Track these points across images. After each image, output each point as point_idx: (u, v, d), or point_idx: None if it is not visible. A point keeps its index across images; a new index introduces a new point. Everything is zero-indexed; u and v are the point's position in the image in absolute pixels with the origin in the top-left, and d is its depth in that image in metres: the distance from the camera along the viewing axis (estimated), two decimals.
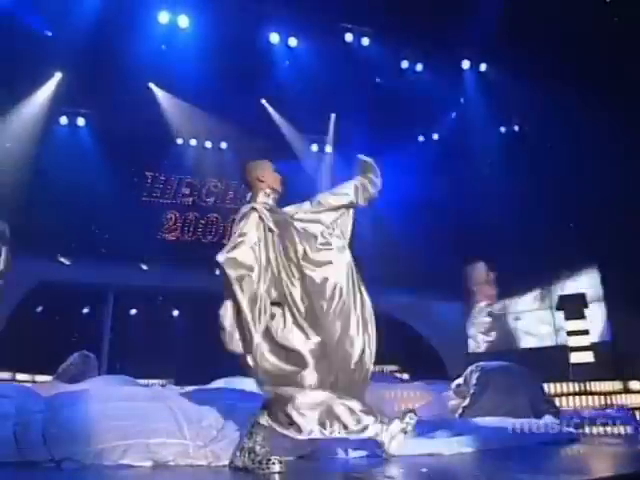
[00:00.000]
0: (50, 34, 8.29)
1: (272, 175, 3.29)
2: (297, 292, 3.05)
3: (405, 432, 3.15)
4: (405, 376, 8.48)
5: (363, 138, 10.85)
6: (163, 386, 7.14)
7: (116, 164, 10.21)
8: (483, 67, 10.14)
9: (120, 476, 2.87)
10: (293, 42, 9.39)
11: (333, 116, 11.26)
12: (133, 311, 9.87)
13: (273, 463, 2.79)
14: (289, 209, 3.37)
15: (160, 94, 10.04)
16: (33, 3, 7.91)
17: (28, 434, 3.09)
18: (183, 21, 8.70)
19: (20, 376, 7.07)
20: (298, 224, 3.25)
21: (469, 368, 5.26)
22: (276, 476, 2.76)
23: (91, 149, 10.06)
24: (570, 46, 8.21)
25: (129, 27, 8.46)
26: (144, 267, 9.77)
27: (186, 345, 9.63)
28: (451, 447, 3.35)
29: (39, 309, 8.79)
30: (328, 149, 11.58)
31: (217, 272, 3.05)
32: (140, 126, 10.28)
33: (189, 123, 10.65)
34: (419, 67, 10.02)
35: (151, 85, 10.05)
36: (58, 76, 9.33)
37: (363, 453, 3.28)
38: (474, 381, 5.08)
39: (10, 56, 7.96)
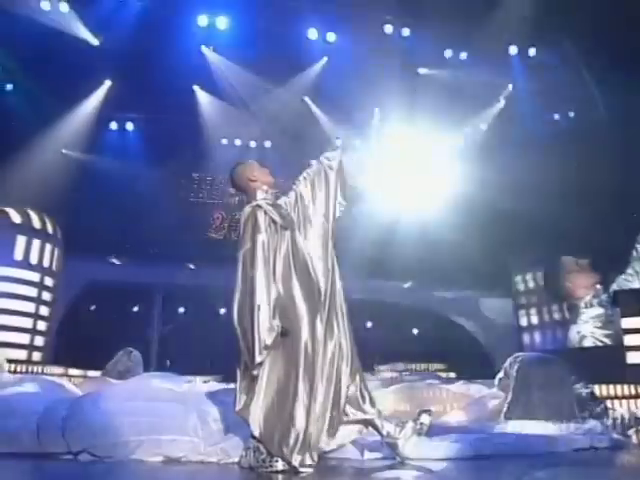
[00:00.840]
0: (97, 44, 8.60)
1: (260, 171, 3.23)
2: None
3: (419, 434, 3.02)
4: (452, 375, 8.19)
5: (408, 131, 10.66)
6: (206, 382, 7.27)
7: (164, 166, 10.53)
8: (532, 52, 9.66)
9: (131, 469, 2.92)
10: (331, 37, 9.31)
11: (377, 110, 11.08)
12: (181, 309, 10.12)
13: (276, 461, 2.74)
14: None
15: (204, 96, 10.23)
16: (79, 16, 8.22)
17: (49, 428, 3.20)
18: (222, 22, 8.80)
19: (72, 371, 7.36)
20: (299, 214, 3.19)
21: (508, 360, 4.97)
22: (279, 475, 2.70)
23: (140, 152, 10.40)
24: (630, 25, 7.68)
25: (170, 32, 8.69)
26: (191, 266, 9.99)
27: (233, 343, 9.76)
28: (467, 451, 3.16)
29: (92, 307, 9.16)
30: (372, 144, 11.39)
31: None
32: (186, 128, 10.56)
33: (232, 123, 10.79)
34: (463, 55, 9.69)
35: (195, 88, 10.25)
36: (108, 83, 9.70)
37: (379, 455, 3.17)
38: (514, 373, 4.80)
39: (61, 66, 8.37)
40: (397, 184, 11.48)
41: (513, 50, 9.67)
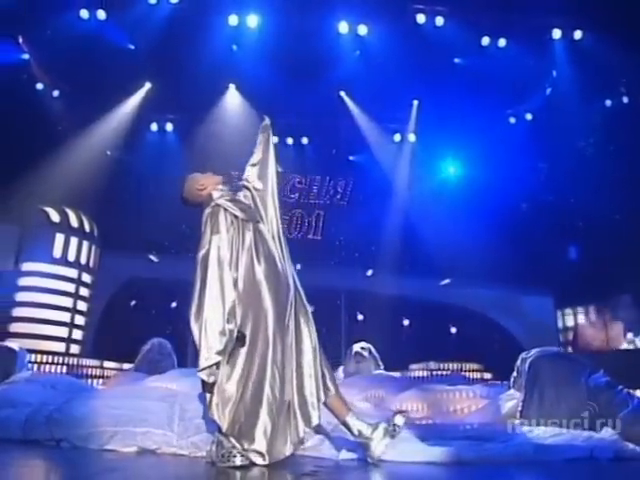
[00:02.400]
0: (133, 47, 8.90)
1: (204, 177, 3.21)
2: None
3: (392, 436, 2.90)
4: (487, 376, 7.87)
5: (447, 124, 10.35)
6: None
7: (203, 166, 10.72)
8: (578, 35, 9.10)
9: (104, 458, 2.98)
10: (363, 30, 9.16)
11: (415, 103, 10.82)
12: None
13: (234, 456, 2.72)
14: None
15: (239, 94, 10.35)
16: (114, 22, 8.54)
17: (36, 418, 3.33)
18: (252, 21, 8.87)
19: (107, 364, 7.68)
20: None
21: (520, 357, 4.71)
22: (237, 470, 2.67)
23: (180, 152, 10.64)
24: None
25: (202, 33, 8.82)
26: None
27: None
28: (447, 455, 2.99)
29: (132, 303, 9.51)
30: (411, 138, 11.15)
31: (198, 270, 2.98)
32: (223, 127, 10.74)
33: (269, 121, 10.86)
34: (502, 42, 9.25)
35: (231, 86, 10.40)
36: (147, 85, 10.01)
37: (354, 456, 3.06)
38: (525, 371, 4.54)
39: (102, 71, 8.72)
40: (436, 178, 11.20)
41: (556, 34, 9.14)
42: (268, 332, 2.90)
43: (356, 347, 7.04)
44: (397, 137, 11.18)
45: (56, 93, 9.45)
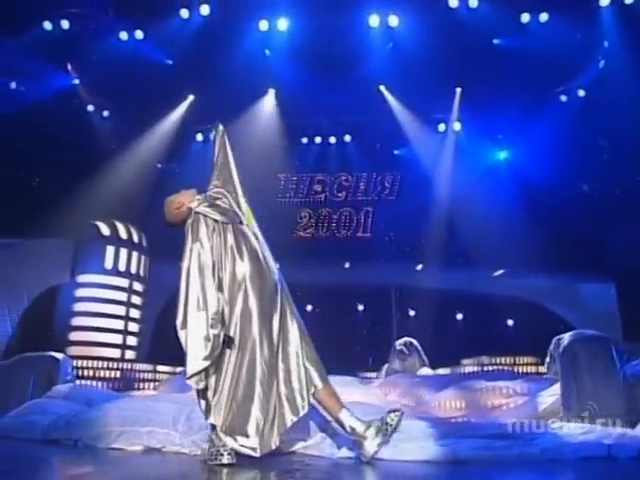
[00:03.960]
0: (170, 62, 9.24)
1: (178, 195, 3.24)
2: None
3: (384, 434, 2.82)
4: (542, 370, 7.45)
5: (494, 109, 9.96)
6: None
7: (249, 171, 10.95)
8: None
9: (111, 456, 3.12)
10: (394, 21, 8.98)
11: (458, 90, 10.48)
12: None
13: (222, 455, 2.75)
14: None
15: (277, 97, 10.48)
16: (151, 40, 8.90)
17: (57, 422, 3.53)
18: (282, 24, 8.94)
19: (160, 368, 7.99)
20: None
21: (554, 339, 4.43)
22: (224, 468, 2.70)
23: None
24: None
25: (234, 41, 9.01)
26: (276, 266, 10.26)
27: (319, 339, 9.87)
28: (442, 454, 2.86)
29: None
30: (456, 126, 10.81)
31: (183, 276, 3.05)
32: (266, 131, 10.91)
33: (310, 121, 10.94)
34: (543, 17, 8.75)
35: (270, 91, 10.54)
36: (190, 98, 10.35)
37: (351, 454, 3.00)
38: (559, 357, 4.26)
39: (144, 87, 9.12)
40: (485, 166, 10.78)
41: (604, 1, 8.53)
42: (254, 330, 2.92)
43: (398, 344, 6.89)
44: (441, 127, 10.88)
45: (106, 113, 9.99)
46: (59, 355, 5.31)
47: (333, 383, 3.07)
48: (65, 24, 8.40)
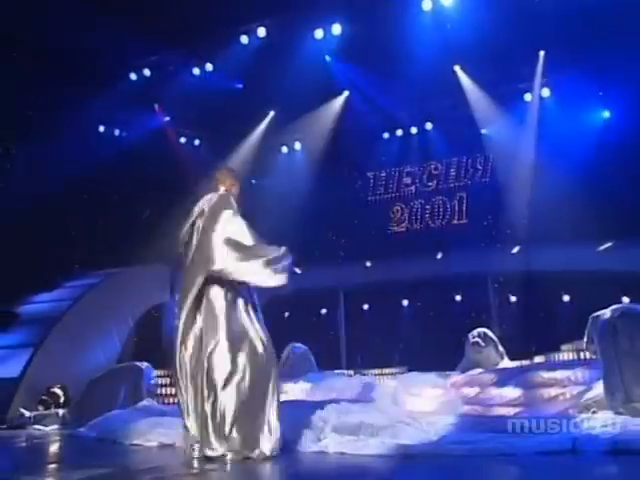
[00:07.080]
0: (241, 86, 9.89)
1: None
2: None
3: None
4: None
5: (583, 69, 9.09)
6: (351, 376, 7.59)
7: (338, 174, 11.25)
8: None
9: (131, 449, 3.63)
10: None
11: (542, 53, 9.65)
12: (365, 306, 10.57)
13: (193, 449, 3.04)
14: None
15: (349, 99, 10.62)
16: (221, 70, 9.62)
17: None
18: (336, 29, 9.06)
19: None
20: None
21: (591, 317, 4.03)
22: (194, 460, 3.00)
23: (312, 167, 11.27)
24: None
25: (295, 54, 9.34)
26: (368, 264, 10.39)
27: (417, 333, 9.78)
28: (396, 449, 2.82)
29: (286, 314, 10.36)
30: (545, 92, 9.96)
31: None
32: (346, 133, 11.11)
33: (387, 116, 10.88)
34: None
35: (344, 92, 10.71)
36: (271, 113, 10.93)
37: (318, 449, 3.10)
38: (597, 337, 3.88)
39: (224, 112, 9.89)
40: (582, 131, 9.76)
41: None
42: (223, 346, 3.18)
43: (472, 336, 6.60)
44: (527, 97, 10.11)
45: (197, 142, 10.97)
46: (143, 364, 6.06)
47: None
48: (147, 72, 9.45)
